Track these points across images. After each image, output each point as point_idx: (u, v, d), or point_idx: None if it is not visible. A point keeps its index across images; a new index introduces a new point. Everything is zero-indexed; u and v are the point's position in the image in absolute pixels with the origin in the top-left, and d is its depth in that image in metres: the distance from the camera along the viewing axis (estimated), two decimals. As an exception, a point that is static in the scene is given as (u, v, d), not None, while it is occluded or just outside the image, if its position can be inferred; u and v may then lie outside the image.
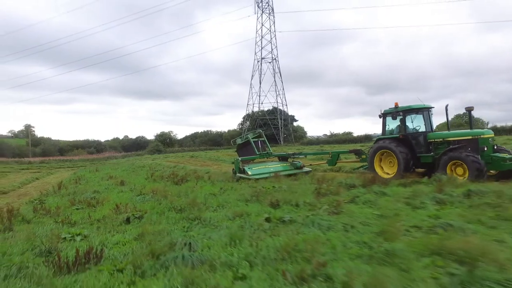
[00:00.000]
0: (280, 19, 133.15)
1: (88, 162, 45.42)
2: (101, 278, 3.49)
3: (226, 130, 66.96)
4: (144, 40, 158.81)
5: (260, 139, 15.19)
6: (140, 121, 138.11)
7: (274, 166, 13.90)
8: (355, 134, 48.77)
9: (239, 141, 15.48)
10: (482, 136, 10.24)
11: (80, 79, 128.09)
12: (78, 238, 5.22)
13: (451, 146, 10.38)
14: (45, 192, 12.21)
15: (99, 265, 3.92)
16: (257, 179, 11.77)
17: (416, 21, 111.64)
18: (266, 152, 14.91)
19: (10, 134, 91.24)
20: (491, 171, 10.17)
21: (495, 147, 10.46)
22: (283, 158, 14.96)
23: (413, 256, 3.58)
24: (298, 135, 63.02)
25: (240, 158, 13.83)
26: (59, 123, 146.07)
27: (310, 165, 14.80)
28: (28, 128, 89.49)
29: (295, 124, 65.60)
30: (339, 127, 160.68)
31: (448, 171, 9.98)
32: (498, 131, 33.21)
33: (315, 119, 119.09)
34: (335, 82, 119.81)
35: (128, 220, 6.32)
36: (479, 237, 4.08)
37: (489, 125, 38.60)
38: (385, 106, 12.94)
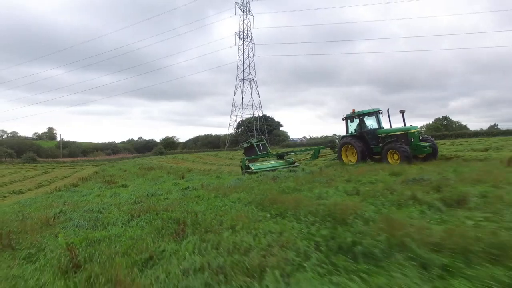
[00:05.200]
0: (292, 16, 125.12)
1: (106, 161, 60.22)
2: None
3: (223, 133, 76.29)
4: (159, 41, 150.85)
5: (261, 143, 18.35)
6: (155, 121, 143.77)
7: (272, 162, 16.58)
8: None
9: (245, 145, 18.91)
10: (410, 131, 13.30)
11: (97, 81, 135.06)
12: (109, 179, 19.62)
13: (388, 140, 13.41)
14: (91, 174, 26.82)
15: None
16: (258, 172, 14.23)
17: (434, 16, 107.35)
18: (266, 152, 17.93)
19: (34, 136, 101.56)
20: (420, 155, 13.21)
21: (421, 138, 13.51)
22: (280, 157, 17.64)
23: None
24: (281, 139, 76.66)
25: (246, 158, 17.16)
26: (78, 125, 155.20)
27: (300, 160, 18.22)
28: (51, 131, 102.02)
29: (281, 129, 79.18)
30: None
31: (388, 157, 13.05)
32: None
33: (330, 119, 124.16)
34: (350, 81, 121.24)
35: (122, 179, 20.68)
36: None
37: (472, 129, 48.34)
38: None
